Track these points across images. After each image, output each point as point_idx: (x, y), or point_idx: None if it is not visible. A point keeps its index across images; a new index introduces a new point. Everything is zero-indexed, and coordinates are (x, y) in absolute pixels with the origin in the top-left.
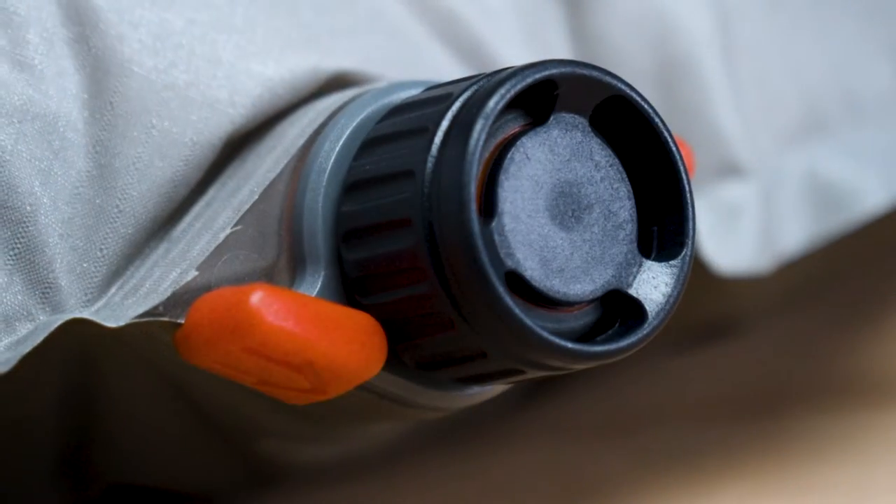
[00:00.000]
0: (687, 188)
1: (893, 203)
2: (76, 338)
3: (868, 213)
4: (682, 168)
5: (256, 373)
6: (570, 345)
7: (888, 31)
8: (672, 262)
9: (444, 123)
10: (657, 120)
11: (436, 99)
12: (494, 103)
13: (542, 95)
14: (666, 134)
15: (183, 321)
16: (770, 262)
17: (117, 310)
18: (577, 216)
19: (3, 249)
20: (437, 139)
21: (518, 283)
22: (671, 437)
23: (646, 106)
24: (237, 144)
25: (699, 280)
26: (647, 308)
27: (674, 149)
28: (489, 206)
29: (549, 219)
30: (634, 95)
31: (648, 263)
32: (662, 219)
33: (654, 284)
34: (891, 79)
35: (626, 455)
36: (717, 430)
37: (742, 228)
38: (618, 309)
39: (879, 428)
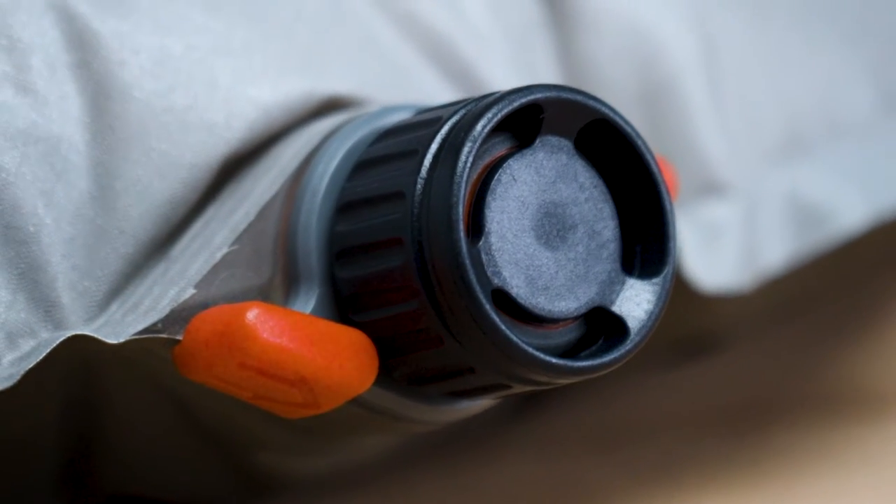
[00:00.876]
0: (668, 208)
1: (873, 221)
2: (78, 353)
3: (848, 230)
4: (663, 188)
5: (252, 387)
6: (554, 360)
7: (872, 53)
8: (654, 280)
9: (434, 146)
10: (639, 142)
11: (425, 122)
12: (482, 127)
13: (528, 119)
14: (648, 156)
15: (181, 338)
16: (752, 280)
17: (117, 327)
18: (561, 236)
19: (7, 268)
20: (427, 161)
21: (504, 300)
22: (657, 450)
23: (628, 129)
24: (234, 166)
25: (683, 297)
26: (630, 325)
27: (655, 170)
28: (477, 226)
29: (535, 238)
30: (617, 119)
31: (631, 281)
32: (645, 238)
33: (636, 302)
34: (873, 100)
35: (614, 468)
36: (701, 443)
37: (724, 246)
38: (601, 325)
39: (859, 440)
